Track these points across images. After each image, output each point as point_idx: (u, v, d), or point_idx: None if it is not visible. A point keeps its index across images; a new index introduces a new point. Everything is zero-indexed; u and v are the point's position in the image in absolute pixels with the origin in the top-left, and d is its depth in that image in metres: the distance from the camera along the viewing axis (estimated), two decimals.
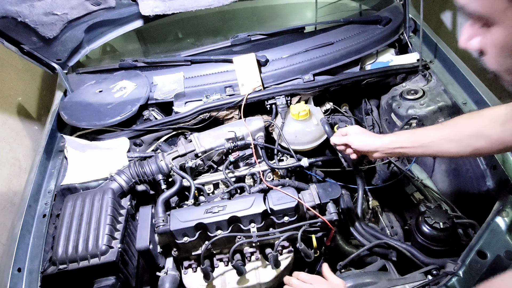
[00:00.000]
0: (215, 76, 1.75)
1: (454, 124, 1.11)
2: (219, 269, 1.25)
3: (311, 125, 1.56)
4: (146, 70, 1.87)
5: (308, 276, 1.13)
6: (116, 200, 1.29)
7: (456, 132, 1.08)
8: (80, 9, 1.61)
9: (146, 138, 1.67)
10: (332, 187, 1.29)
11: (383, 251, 1.31)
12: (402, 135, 1.18)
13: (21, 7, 1.47)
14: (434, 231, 1.21)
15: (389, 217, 1.59)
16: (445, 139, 1.09)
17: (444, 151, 1.11)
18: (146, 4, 1.65)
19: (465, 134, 1.06)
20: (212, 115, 1.65)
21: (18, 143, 2.08)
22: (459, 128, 1.08)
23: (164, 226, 1.22)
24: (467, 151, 1.07)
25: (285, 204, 1.21)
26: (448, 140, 1.08)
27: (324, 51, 1.76)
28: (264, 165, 1.47)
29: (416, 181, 1.54)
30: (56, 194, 1.41)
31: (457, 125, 1.09)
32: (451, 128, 1.10)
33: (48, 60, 1.74)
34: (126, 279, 1.16)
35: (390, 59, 1.85)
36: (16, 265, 1.19)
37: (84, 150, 1.59)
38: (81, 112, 1.67)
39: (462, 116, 1.14)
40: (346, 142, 1.27)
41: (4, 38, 1.56)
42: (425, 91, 1.64)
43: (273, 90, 1.65)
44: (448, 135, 1.08)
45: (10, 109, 2.10)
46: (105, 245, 1.12)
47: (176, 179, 1.39)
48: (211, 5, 1.66)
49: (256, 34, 1.89)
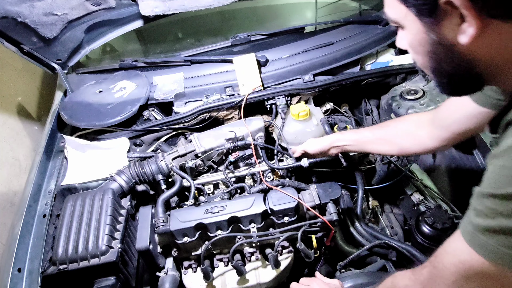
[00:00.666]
0: (215, 76, 1.75)
1: (386, 125, 1.28)
2: (219, 269, 1.25)
3: (311, 125, 1.56)
4: (146, 70, 1.87)
5: (306, 279, 1.16)
6: (116, 200, 1.29)
7: (386, 132, 1.24)
8: (80, 9, 1.61)
9: (146, 138, 1.67)
10: (332, 187, 1.29)
11: (383, 251, 1.31)
12: (347, 134, 1.36)
13: (21, 7, 1.47)
14: (434, 231, 1.22)
15: (389, 217, 1.59)
16: (377, 138, 1.25)
17: (378, 149, 1.28)
18: (146, 4, 1.65)
19: (392, 135, 1.22)
20: (212, 115, 1.65)
21: (18, 143, 2.08)
22: (389, 129, 1.24)
23: (164, 226, 1.22)
24: (394, 149, 1.24)
25: (285, 204, 1.21)
26: (379, 139, 1.25)
27: (324, 51, 1.76)
28: (264, 165, 1.47)
29: (416, 181, 1.54)
30: (56, 194, 1.41)
31: (388, 127, 1.26)
32: (383, 129, 1.27)
33: (48, 60, 1.74)
34: (126, 279, 1.16)
35: (390, 59, 1.85)
36: (16, 265, 1.19)
37: (84, 150, 1.59)
38: (81, 112, 1.67)
39: (393, 120, 1.32)
40: (302, 150, 1.41)
41: (4, 38, 1.56)
42: (425, 91, 1.64)
43: (273, 90, 1.65)
44: (380, 135, 1.25)
45: (10, 109, 2.10)
46: (105, 245, 1.12)
47: (176, 179, 1.39)
48: (211, 5, 1.66)
49: (256, 34, 1.90)
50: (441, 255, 0.72)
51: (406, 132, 1.20)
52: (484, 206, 0.60)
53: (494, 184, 0.59)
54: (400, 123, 1.24)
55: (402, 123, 1.23)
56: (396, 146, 1.22)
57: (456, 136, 1.08)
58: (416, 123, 1.18)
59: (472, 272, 0.64)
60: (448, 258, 0.69)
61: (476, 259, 0.62)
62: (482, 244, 0.60)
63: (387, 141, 1.24)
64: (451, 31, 0.59)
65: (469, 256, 0.63)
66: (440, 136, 1.10)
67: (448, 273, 0.69)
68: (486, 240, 0.60)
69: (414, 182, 1.55)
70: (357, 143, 1.31)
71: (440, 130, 1.09)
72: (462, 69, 0.64)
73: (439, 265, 0.71)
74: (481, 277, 0.63)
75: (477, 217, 0.62)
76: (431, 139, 1.13)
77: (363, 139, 1.29)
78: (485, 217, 0.60)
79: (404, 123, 1.23)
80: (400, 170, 1.61)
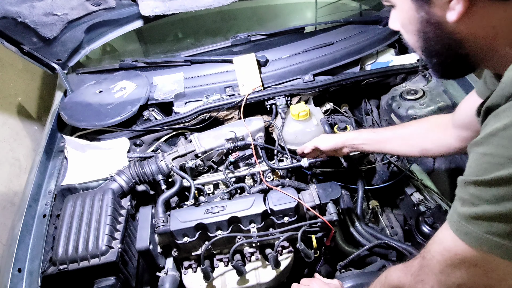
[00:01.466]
0: (215, 76, 1.75)
1: (407, 126, 1.25)
2: (219, 269, 1.25)
3: (311, 125, 1.56)
4: (146, 70, 1.87)
5: (306, 280, 1.16)
6: (116, 200, 1.29)
7: (408, 133, 1.22)
8: (80, 9, 1.61)
9: (146, 138, 1.67)
10: (332, 187, 1.28)
11: (383, 251, 1.31)
12: (364, 133, 1.32)
13: (21, 8, 1.47)
14: (434, 231, 1.21)
15: (389, 217, 1.59)
16: (398, 138, 1.23)
17: (396, 149, 1.25)
18: (146, 4, 1.65)
19: (414, 135, 1.20)
20: (212, 115, 1.65)
21: (18, 143, 2.08)
22: (410, 129, 1.22)
23: (164, 227, 1.22)
24: (416, 151, 1.21)
25: (285, 205, 1.21)
26: (401, 139, 1.22)
27: (324, 51, 1.76)
28: (264, 165, 1.47)
29: (416, 181, 1.54)
30: (56, 194, 1.41)
31: (409, 127, 1.24)
32: (404, 129, 1.24)
33: (48, 60, 1.74)
34: (126, 279, 1.16)
35: (390, 59, 1.85)
36: (16, 265, 1.19)
37: (84, 150, 1.59)
38: (81, 113, 1.67)
39: (416, 120, 1.28)
40: (314, 146, 1.38)
41: (4, 38, 1.56)
42: (425, 92, 1.64)
43: (273, 90, 1.65)
44: (401, 135, 1.23)
45: (10, 109, 2.10)
46: (105, 245, 1.12)
47: (176, 179, 1.39)
48: (211, 5, 1.66)
49: (256, 34, 1.90)
50: (430, 245, 0.72)
51: (428, 133, 1.17)
52: (468, 194, 0.60)
53: (477, 172, 0.59)
54: (422, 124, 1.21)
55: (424, 124, 1.20)
56: (417, 148, 1.19)
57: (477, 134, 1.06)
58: (437, 124, 1.16)
59: (458, 260, 0.64)
60: (435, 248, 0.70)
61: (462, 247, 0.62)
62: (467, 232, 0.60)
63: (408, 141, 1.21)
64: (440, 9, 0.61)
65: (454, 244, 0.64)
66: (462, 136, 1.08)
67: (435, 262, 0.69)
68: (471, 228, 0.60)
69: (414, 182, 1.55)
70: (375, 142, 1.27)
71: (461, 130, 1.07)
72: (450, 49, 0.66)
73: (428, 255, 0.72)
74: (467, 265, 0.63)
75: (462, 206, 0.62)
76: (454, 140, 1.10)
77: (382, 139, 1.26)
78: (470, 205, 0.60)
79: (426, 124, 1.19)
80: (400, 170, 1.61)
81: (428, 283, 0.72)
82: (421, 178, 1.55)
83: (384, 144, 1.26)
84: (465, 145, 1.07)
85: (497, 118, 0.56)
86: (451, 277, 0.67)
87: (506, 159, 0.54)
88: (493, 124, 0.56)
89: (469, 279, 0.65)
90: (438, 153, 1.22)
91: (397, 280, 0.82)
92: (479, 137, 0.60)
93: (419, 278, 0.74)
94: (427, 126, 1.18)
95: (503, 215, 0.55)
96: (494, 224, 0.57)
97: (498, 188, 0.55)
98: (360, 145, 1.31)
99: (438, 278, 0.69)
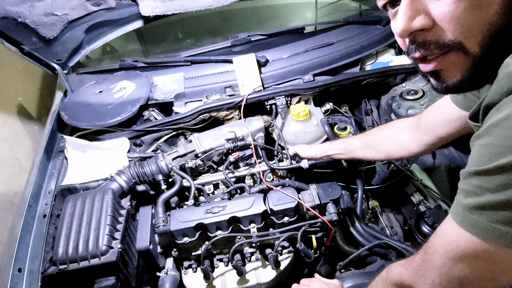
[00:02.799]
0: (215, 77, 1.75)
1: (371, 133, 1.34)
2: (219, 269, 1.26)
3: (311, 125, 1.57)
4: (146, 70, 1.87)
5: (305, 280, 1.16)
6: (116, 200, 1.29)
7: (372, 139, 1.30)
8: (80, 9, 1.61)
9: (146, 138, 1.67)
10: (332, 187, 1.29)
11: (383, 251, 1.31)
12: (336, 143, 1.41)
13: (21, 8, 1.47)
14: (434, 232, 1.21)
15: (389, 217, 1.59)
16: (364, 146, 1.31)
17: (366, 155, 1.33)
18: (146, 4, 1.66)
19: (378, 141, 1.29)
20: (212, 115, 1.65)
21: (18, 143, 2.08)
22: (374, 136, 1.31)
23: (164, 227, 1.22)
24: (381, 155, 1.29)
25: (285, 205, 1.21)
26: (367, 146, 1.31)
27: (324, 52, 1.76)
28: (264, 166, 1.47)
29: (416, 181, 1.54)
30: (56, 195, 1.41)
31: (374, 134, 1.32)
32: (369, 136, 1.33)
33: (48, 61, 1.74)
34: (126, 279, 1.16)
35: (390, 59, 1.85)
36: (16, 265, 1.19)
37: (84, 151, 1.59)
38: (81, 113, 1.67)
39: (379, 127, 1.37)
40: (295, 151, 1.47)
41: (5, 38, 1.56)
42: (425, 92, 1.64)
43: (273, 90, 1.66)
44: (366, 142, 1.31)
45: (10, 109, 2.10)
46: (105, 245, 1.12)
47: (176, 179, 1.40)
48: (211, 6, 1.66)
49: (256, 34, 1.90)
50: (432, 240, 0.72)
51: (390, 137, 1.26)
52: (470, 185, 0.60)
53: (478, 162, 0.58)
54: (385, 130, 1.30)
55: (387, 130, 1.30)
56: (382, 152, 1.28)
57: (439, 140, 1.13)
58: (400, 128, 1.24)
59: (461, 253, 0.63)
60: (438, 241, 0.69)
61: (467, 239, 0.61)
62: (473, 223, 0.60)
63: (373, 147, 1.30)
64: None
65: (458, 236, 0.63)
66: (423, 140, 1.15)
67: (438, 256, 0.68)
68: (476, 218, 0.59)
69: (414, 182, 1.55)
70: (347, 151, 1.36)
71: (424, 134, 1.14)
72: None
73: (430, 250, 0.71)
74: (470, 257, 0.63)
75: (466, 198, 0.61)
76: (415, 143, 1.18)
77: (350, 148, 1.35)
78: (474, 196, 0.59)
79: (388, 129, 1.29)
80: (400, 170, 1.61)
81: (429, 277, 0.71)
82: (421, 178, 1.55)
83: (354, 152, 1.35)
84: (424, 149, 1.16)
85: (498, 110, 0.55)
86: (454, 270, 0.66)
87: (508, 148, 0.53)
88: (495, 116, 0.55)
89: (471, 272, 0.64)
90: (399, 156, 1.31)
91: (398, 275, 0.82)
92: (481, 130, 0.58)
93: (421, 273, 0.74)
94: (390, 131, 1.27)
95: (507, 202, 0.54)
96: (498, 212, 0.56)
97: (500, 176, 0.54)
98: (336, 155, 1.39)
99: (440, 271, 0.68)
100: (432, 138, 1.12)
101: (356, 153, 1.34)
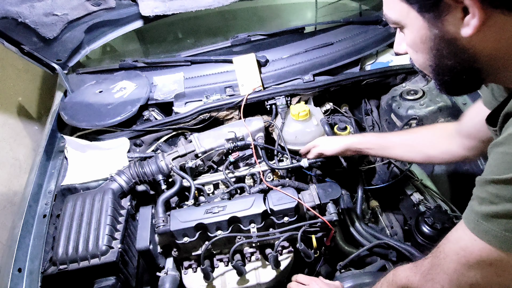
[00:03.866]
0: (215, 77, 1.75)
1: (413, 132, 1.27)
2: (219, 269, 1.26)
3: (311, 125, 1.57)
4: (146, 70, 1.87)
5: (306, 278, 1.16)
6: (116, 200, 1.29)
7: (413, 138, 1.22)
8: (80, 9, 1.61)
9: (146, 138, 1.67)
10: (332, 187, 1.29)
11: (383, 251, 1.31)
12: (369, 136, 1.33)
13: (21, 8, 1.47)
14: (434, 231, 1.22)
15: (389, 217, 1.59)
16: (403, 144, 1.23)
17: (401, 154, 1.25)
18: (146, 4, 1.66)
19: (419, 142, 1.20)
20: (212, 115, 1.65)
21: (18, 143, 2.08)
22: (416, 136, 1.22)
23: (164, 227, 1.22)
24: (421, 157, 1.22)
25: (285, 205, 1.21)
26: (405, 145, 1.22)
27: (324, 52, 1.76)
28: (264, 166, 1.47)
29: (416, 181, 1.54)
30: (56, 195, 1.41)
31: (415, 133, 1.24)
32: (410, 135, 1.25)
33: (48, 61, 1.74)
34: (126, 279, 1.16)
35: (390, 59, 1.85)
36: (16, 265, 1.19)
37: (84, 151, 1.59)
38: (81, 113, 1.67)
39: (422, 127, 1.30)
40: (318, 152, 1.38)
41: (5, 38, 1.55)
42: (425, 92, 1.64)
43: (273, 90, 1.66)
44: (406, 140, 1.23)
45: (10, 109, 2.10)
46: (105, 245, 1.12)
47: (176, 179, 1.40)
48: (211, 6, 1.66)
49: (256, 34, 1.90)
50: (443, 245, 0.71)
51: (434, 140, 1.17)
52: (487, 192, 0.60)
53: (497, 171, 0.58)
54: (429, 131, 1.21)
55: (430, 131, 1.21)
56: (422, 154, 1.20)
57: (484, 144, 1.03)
58: (444, 132, 1.16)
59: (474, 260, 0.63)
60: (450, 246, 0.69)
61: (480, 246, 0.61)
62: (487, 230, 0.60)
63: (414, 148, 1.21)
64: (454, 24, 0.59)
65: (471, 243, 0.63)
66: (466, 145, 1.08)
67: (449, 261, 0.68)
68: (490, 226, 0.59)
69: (414, 182, 1.55)
70: (380, 147, 1.28)
71: (466, 139, 1.07)
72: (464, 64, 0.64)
73: (441, 255, 0.71)
74: (482, 264, 0.63)
75: (481, 205, 0.61)
76: (460, 148, 1.10)
77: (387, 144, 1.26)
78: (489, 204, 0.59)
79: (432, 131, 1.20)
80: (400, 170, 1.61)
81: (438, 282, 0.71)
82: (421, 178, 1.55)
83: (389, 149, 1.26)
84: (469, 154, 1.09)
85: None
86: (465, 276, 0.66)
87: None
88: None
89: (483, 279, 0.64)
90: (442, 161, 1.24)
91: (405, 279, 0.82)
92: (500, 138, 0.59)
93: (430, 277, 0.74)
94: (433, 134, 1.18)
95: None
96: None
97: None
98: (365, 149, 1.31)
99: (451, 277, 0.68)
100: (475, 142, 1.05)
101: (391, 150, 1.26)
